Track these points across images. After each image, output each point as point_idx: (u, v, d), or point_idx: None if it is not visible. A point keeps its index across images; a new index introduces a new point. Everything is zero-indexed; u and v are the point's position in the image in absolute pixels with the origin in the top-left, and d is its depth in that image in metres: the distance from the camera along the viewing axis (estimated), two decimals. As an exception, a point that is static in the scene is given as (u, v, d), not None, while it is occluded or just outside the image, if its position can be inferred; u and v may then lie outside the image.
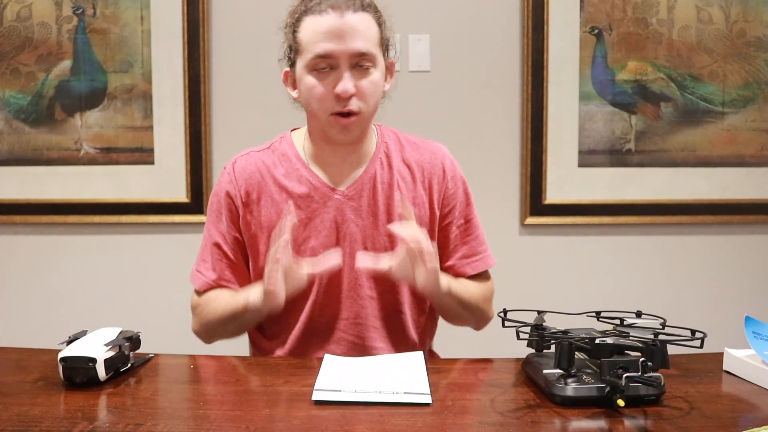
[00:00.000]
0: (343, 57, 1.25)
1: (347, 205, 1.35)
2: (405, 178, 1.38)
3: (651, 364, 0.96)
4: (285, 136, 1.43)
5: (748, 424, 0.91)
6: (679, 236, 2.39)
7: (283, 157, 1.38)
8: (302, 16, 1.29)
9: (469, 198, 1.44)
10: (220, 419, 0.94)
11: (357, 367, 1.13)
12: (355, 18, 1.26)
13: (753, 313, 1.19)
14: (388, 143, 1.41)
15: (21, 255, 2.36)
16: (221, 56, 2.31)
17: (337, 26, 1.25)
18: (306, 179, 1.36)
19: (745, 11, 2.32)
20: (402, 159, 1.40)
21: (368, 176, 1.36)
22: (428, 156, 1.41)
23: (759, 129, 2.36)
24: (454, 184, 1.41)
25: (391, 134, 1.43)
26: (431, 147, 1.43)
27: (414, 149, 1.42)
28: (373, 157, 1.38)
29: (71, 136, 2.31)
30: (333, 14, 1.25)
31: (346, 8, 1.26)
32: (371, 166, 1.37)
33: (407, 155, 1.40)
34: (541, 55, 2.29)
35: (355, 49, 1.25)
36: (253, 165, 1.38)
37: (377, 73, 1.30)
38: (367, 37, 1.27)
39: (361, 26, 1.26)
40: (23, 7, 2.28)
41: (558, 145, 2.33)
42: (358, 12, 1.27)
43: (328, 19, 1.25)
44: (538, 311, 1.15)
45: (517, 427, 0.92)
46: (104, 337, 1.12)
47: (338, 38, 1.25)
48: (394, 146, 1.41)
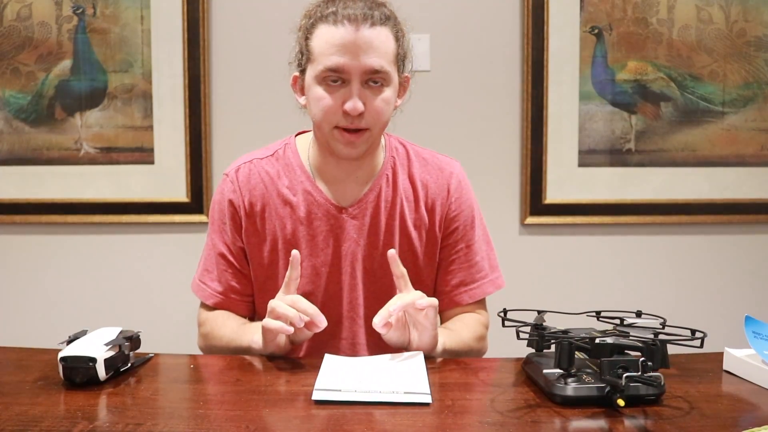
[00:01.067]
0: (355, 72, 1.20)
1: (350, 224, 1.32)
2: (408, 197, 1.35)
3: (651, 363, 0.96)
4: (290, 143, 1.39)
5: (748, 424, 0.91)
6: (679, 236, 2.39)
7: (288, 168, 1.35)
8: (317, 23, 1.23)
9: (473, 222, 1.39)
10: (220, 419, 0.94)
11: (357, 367, 1.13)
12: (371, 33, 1.20)
13: (753, 313, 1.19)
14: (396, 158, 1.36)
15: (21, 255, 2.36)
16: (221, 56, 2.31)
17: (352, 40, 1.19)
18: (310, 194, 1.33)
19: (745, 11, 2.32)
20: (408, 176, 1.35)
21: (373, 195, 1.33)
22: (435, 175, 1.37)
23: (759, 129, 2.36)
24: (458, 206, 1.37)
25: (400, 147, 1.38)
26: (440, 164, 1.38)
27: (422, 166, 1.37)
28: (380, 173, 1.34)
29: (71, 135, 2.31)
30: (348, 27, 1.19)
31: (363, 21, 1.20)
32: (376, 184, 1.34)
33: (414, 172, 1.36)
34: (541, 55, 2.29)
35: (368, 66, 1.20)
36: (257, 175, 1.35)
37: (389, 91, 1.25)
38: (381, 53, 1.21)
39: (377, 42, 1.20)
40: (23, 6, 2.28)
41: (558, 145, 2.33)
42: (376, 26, 1.21)
43: (343, 32, 1.19)
44: (538, 311, 1.14)
45: (517, 427, 0.92)
46: (104, 337, 1.12)
47: (351, 53, 1.19)
48: (402, 161, 1.36)
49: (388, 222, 1.33)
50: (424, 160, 1.38)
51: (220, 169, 1.42)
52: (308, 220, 1.32)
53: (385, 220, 1.33)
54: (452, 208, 1.36)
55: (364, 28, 1.20)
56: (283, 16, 2.27)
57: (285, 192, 1.33)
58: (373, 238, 1.33)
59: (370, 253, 1.33)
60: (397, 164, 1.36)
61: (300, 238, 1.33)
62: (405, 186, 1.35)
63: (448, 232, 1.37)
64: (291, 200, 1.33)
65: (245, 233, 1.35)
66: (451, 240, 1.37)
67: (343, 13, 1.20)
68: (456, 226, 1.37)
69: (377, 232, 1.33)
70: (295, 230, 1.33)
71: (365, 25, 1.20)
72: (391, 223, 1.33)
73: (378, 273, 1.34)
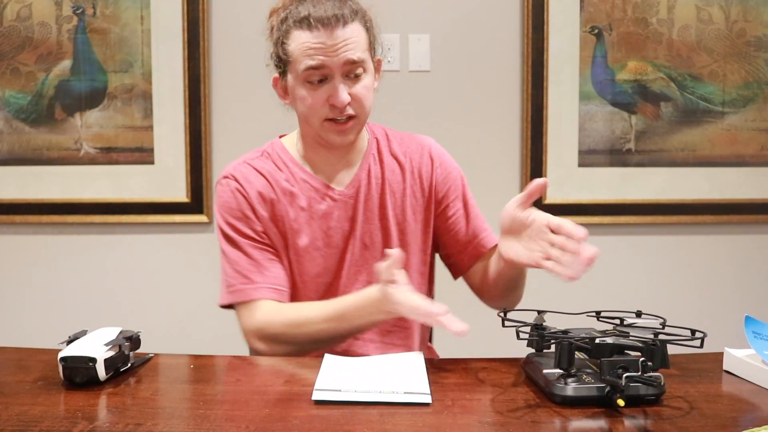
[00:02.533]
0: (335, 68, 1.26)
1: (347, 203, 1.37)
2: (394, 170, 1.41)
3: (651, 363, 0.96)
4: (275, 143, 1.43)
5: (748, 424, 0.91)
6: (679, 236, 2.39)
7: (281, 163, 1.39)
8: (291, 29, 1.28)
9: (464, 182, 1.45)
10: (220, 419, 0.94)
11: (357, 367, 1.13)
12: (344, 32, 1.26)
13: (753, 313, 1.18)
14: (378, 138, 1.43)
15: (21, 255, 2.36)
16: (221, 56, 2.31)
17: (329, 43, 1.25)
18: (307, 182, 1.37)
19: (745, 11, 2.32)
20: (390, 152, 1.42)
21: (364, 173, 1.39)
22: (415, 147, 1.43)
23: (759, 129, 2.36)
24: (443, 169, 1.43)
25: (379, 130, 1.46)
26: (417, 139, 1.46)
27: (400, 142, 1.44)
28: (366, 153, 1.41)
29: (71, 135, 2.31)
30: (323, 31, 1.25)
31: (336, 23, 1.25)
32: (365, 163, 1.40)
33: (395, 148, 1.42)
34: (541, 55, 2.29)
35: (347, 59, 1.26)
36: (255, 172, 1.37)
37: (368, 77, 1.31)
38: (356, 46, 1.27)
39: (351, 38, 1.27)
40: (23, 6, 2.28)
41: (558, 145, 2.33)
42: (348, 24, 1.26)
43: (318, 36, 1.25)
44: (538, 311, 1.15)
45: (517, 426, 0.91)
46: (104, 337, 1.12)
47: (330, 53, 1.25)
48: (383, 141, 1.43)
49: (381, 197, 1.39)
50: (401, 138, 1.45)
51: (220, 169, 1.42)
52: (309, 206, 1.36)
53: (378, 196, 1.39)
54: (439, 173, 1.42)
55: (338, 29, 1.26)
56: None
57: (284, 183, 1.37)
58: (369, 214, 1.38)
59: (367, 230, 1.38)
60: (380, 144, 1.43)
61: (303, 224, 1.35)
62: (390, 161, 1.41)
63: (441, 196, 1.42)
64: (291, 190, 1.37)
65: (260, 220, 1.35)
66: (448, 201, 1.42)
67: (315, 17, 1.25)
68: (448, 187, 1.42)
69: (371, 208, 1.38)
70: (298, 217, 1.36)
71: (339, 27, 1.26)
72: (384, 197, 1.39)
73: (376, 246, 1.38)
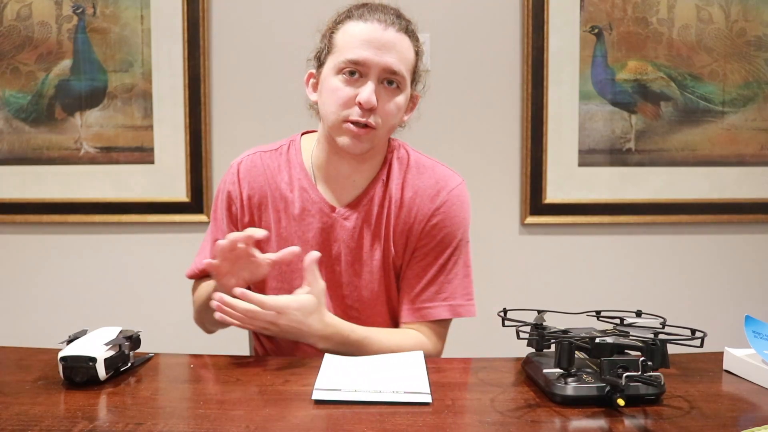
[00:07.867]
0: (374, 68, 1.23)
1: (340, 224, 1.33)
2: (396, 203, 1.34)
3: (651, 363, 0.96)
4: (295, 141, 1.41)
5: (748, 424, 0.91)
6: (679, 236, 2.39)
7: (288, 164, 1.37)
8: (345, 20, 1.28)
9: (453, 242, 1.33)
10: (220, 419, 0.94)
11: (357, 367, 1.13)
12: (396, 36, 1.25)
13: (753, 313, 1.19)
14: (395, 164, 1.36)
15: (21, 255, 2.36)
16: (221, 56, 2.31)
17: (377, 37, 1.23)
18: (306, 192, 1.34)
19: (745, 10, 2.32)
20: (402, 182, 1.34)
21: (366, 198, 1.34)
22: (430, 185, 1.34)
23: (759, 128, 2.36)
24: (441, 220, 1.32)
25: (402, 153, 1.38)
26: (437, 176, 1.35)
27: (418, 173, 1.35)
28: (376, 178, 1.35)
29: (71, 135, 2.31)
30: (377, 25, 1.24)
31: (391, 23, 1.25)
32: (371, 188, 1.34)
33: (408, 179, 1.35)
34: (541, 55, 2.29)
35: (388, 65, 1.23)
36: (259, 167, 1.37)
37: (401, 98, 1.28)
38: (402, 57, 1.25)
39: (400, 46, 1.25)
40: (23, 6, 2.28)
41: (558, 145, 2.33)
42: (401, 32, 1.26)
43: (371, 28, 1.24)
44: (538, 311, 1.15)
45: (517, 426, 0.92)
46: (104, 337, 1.12)
47: (375, 48, 1.23)
48: (401, 167, 1.36)
49: (376, 226, 1.34)
50: (422, 168, 1.36)
51: (220, 169, 1.43)
52: (301, 217, 1.34)
53: (374, 225, 1.34)
54: (432, 221, 1.33)
55: (391, 29, 1.25)
56: (282, 17, 2.28)
57: (283, 187, 1.36)
58: (360, 242, 1.34)
59: (356, 256, 1.34)
60: (394, 170, 1.35)
61: (292, 234, 1.34)
62: (395, 192, 1.34)
63: (421, 243, 1.33)
64: (287, 196, 1.35)
65: (241, 225, 1.37)
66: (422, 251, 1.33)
67: (373, 14, 1.26)
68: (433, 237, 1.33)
69: (363, 236, 1.34)
70: (288, 226, 1.35)
71: (392, 28, 1.25)
72: (378, 228, 1.34)
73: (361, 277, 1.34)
